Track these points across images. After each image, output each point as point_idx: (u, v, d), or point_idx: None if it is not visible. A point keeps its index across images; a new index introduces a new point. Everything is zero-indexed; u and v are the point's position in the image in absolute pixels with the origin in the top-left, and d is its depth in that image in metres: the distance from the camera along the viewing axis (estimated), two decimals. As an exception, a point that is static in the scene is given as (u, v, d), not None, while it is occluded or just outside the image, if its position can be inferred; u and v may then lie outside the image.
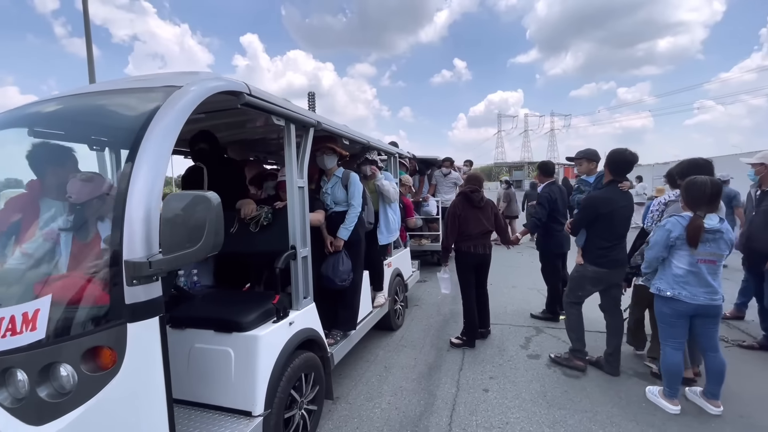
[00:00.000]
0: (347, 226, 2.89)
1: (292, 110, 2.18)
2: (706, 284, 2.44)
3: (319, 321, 2.53)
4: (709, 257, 2.43)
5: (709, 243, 2.40)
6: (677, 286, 2.50)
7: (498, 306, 4.87)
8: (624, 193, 3.10)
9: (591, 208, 3.07)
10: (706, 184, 2.40)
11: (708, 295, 2.44)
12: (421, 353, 3.59)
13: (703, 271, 2.43)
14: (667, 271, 2.56)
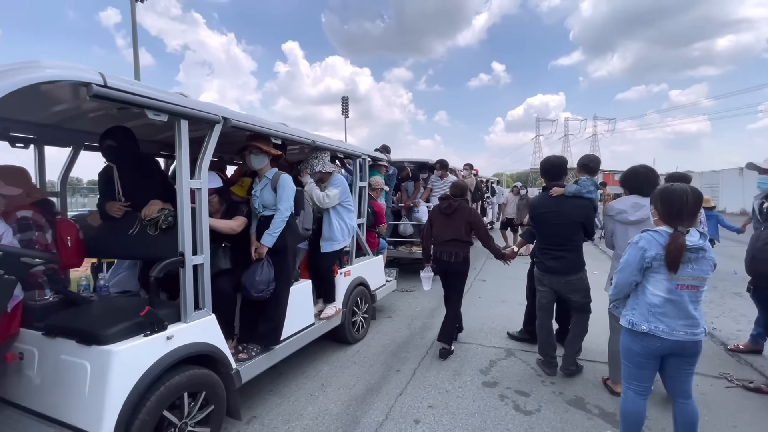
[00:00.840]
0: (271, 232, 2.67)
1: (178, 104, 1.99)
2: (686, 315, 1.94)
3: (221, 334, 2.32)
4: (691, 282, 1.93)
5: (691, 264, 1.92)
6: (653, 318, 1.99)
7: (476, 322, 4.48)
8: (553, 199, 3.06)
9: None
10: (686, 193, 1.94)
11: (688, 329, 1.95)
12: (367, 372, 3.31)
13: (684, 299, 1.94)
14: (641, 300, 2.05)
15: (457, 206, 3.66)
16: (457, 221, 3.63)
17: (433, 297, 5.51)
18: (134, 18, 21.02)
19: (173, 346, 2.02)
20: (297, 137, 2.97)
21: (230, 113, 2.34)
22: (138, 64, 20.54)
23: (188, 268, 2.11)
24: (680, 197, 1.94)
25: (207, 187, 2.21)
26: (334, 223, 3.47)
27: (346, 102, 42.01)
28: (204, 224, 2.21)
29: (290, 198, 2.75)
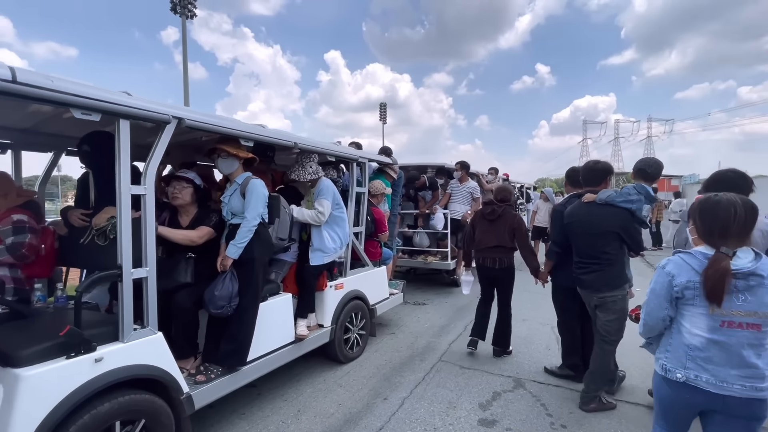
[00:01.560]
0: (236, 243, 2.44)
1: (114, 102, 1.81)
2: (742, 363, 1.46)
3: (169, 355, 2.11)
4: (746, 318, 1.45)
5: (743, 294, 1.45)
6: (693, 364, 1.54)
7: (487, 344, 4.01)
8: (584, 205, 2.78)
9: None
10: (735, 204, 1.49)
11: (747, 381, 1.45)
12: (351, 398, 2.98)
13: (736, 341, 1.47)
14: (676, 340, 1.60)
15: (501, 212, 3.55)
16: (500, 227, 3.54)
17: (444, 313, 5.09)
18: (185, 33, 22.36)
19: (103, 370, 1.82)
20: (271, 139, 2.73)
21: (185, 112, 2.14)
22: (187, 76, 21.89)
23: (126, 282, 1.91)
24: (726, 210, 1.50)
25: (153, 194, 2.01)
26: (324, 234, 3.20)
27: (384, 108, 42.16)
28: (149, 235, 2.01)
29: (259, 205, 2.51)
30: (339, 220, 3.29)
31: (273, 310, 2.84)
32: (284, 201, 2.90)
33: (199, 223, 2.53)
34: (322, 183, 3.22)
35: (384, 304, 4.22)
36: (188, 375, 2.42)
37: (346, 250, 3.61)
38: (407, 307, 5.38)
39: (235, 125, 2.46)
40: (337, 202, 3.28)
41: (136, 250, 1.97)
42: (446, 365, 3.54)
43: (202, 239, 2.47)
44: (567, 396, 2.97)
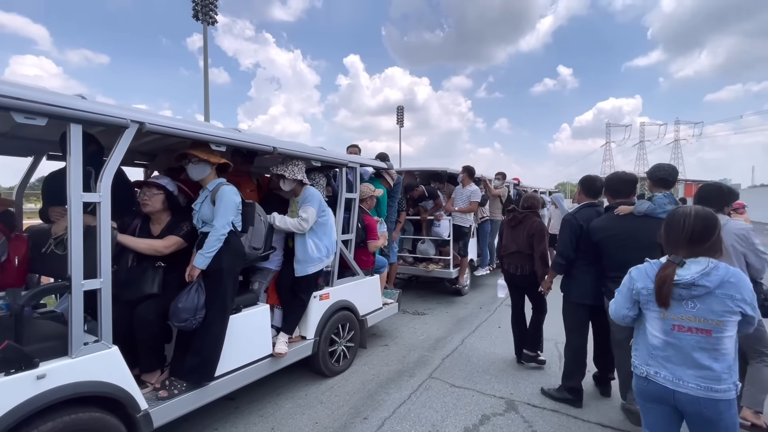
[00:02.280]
0: (204, 252, 2.33)
1: (62, 106, 1.73)
2: (694, 365, 1.55)
3: (125, 370, 2.01)
4: (695, 324, 1.55)
5: (693, 302, 1.56)
6: (654, 362, 1.66)
7: (483, 360, 3.80)
8: (621, 218, 2.68)
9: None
10: (687, 216, 1.61)
11: (703, 382, 1.53)
12: (330, 416, 2.83)
13: (686, 344, 1.57)
14: (642, 340, 1.74)
15: (522, 218, 3.58)
16: (520, 233, 3.54)
17: (443, 324, 4.88)
18: (205, 38, 22.87)
19: (46, 387, 1.73)
20: (246, 143, 2.61)
21: (145, 116, 2.05)
22: (207, 81, 22.38)
23: (76, 294, 1.82)
24: (678, 222, 1.63)
25: (108, 201, 1.92)
26: (308, 244, 3.07)
27: (401, 112, 42.10)
28: (104, 244, 1.92)
29: (229, 212, 2.39)
30: (324, 227, 3.15)
31: (248, 322, 2.72)
32: (260, 208, 2.78)
33: (169, 232, 2.44)
34: (307, 190, 3.10)
35: (376, 315, 4.05)
36: (153, 389, 2.33)
37: (333, 258, 3.47)
38: (405, 316, 5.20)
39: (204, 129, 2.36)
40: (323, 210, 3.15)
41: (90, 260, 1.88)
42: (436, 383, 3.34)
43: (168, 249, 2.38)
44: (563, 424, 2.73)
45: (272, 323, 3.07)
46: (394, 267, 5.70)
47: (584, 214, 2.94)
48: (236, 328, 2.59)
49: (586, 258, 2.88)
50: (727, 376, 1.53)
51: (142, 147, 3.15)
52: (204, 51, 24.06)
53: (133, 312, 2.28)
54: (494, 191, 6.84)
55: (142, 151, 3.38)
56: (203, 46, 23.82)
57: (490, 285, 7.12)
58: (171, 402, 2.22)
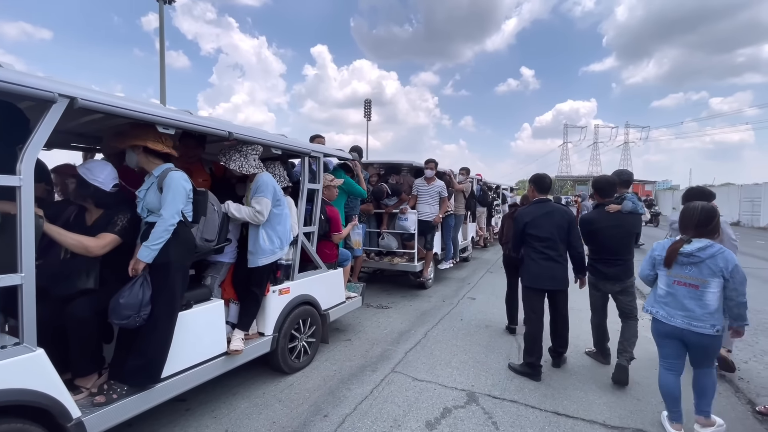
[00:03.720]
0: (150, 244, 2.13)
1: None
2: (682, 307, 2.40)
3: (53, 375, 1.80)
4: (688, 281, 2.39)
5: (688, 266, 2.38)
6: (657, 305, 2.54)
7: (445, 353, 3.81)
8: (610, 214, 3.39)
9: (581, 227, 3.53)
10: (695, 209, 2.41)
11: (686, 319, 2.38)
12: (288, 415, 2.72)
13: (680, 293, 2.41)
14: (653, 292, 2.61)
15: None
16: None
17: (407, 318, 4.87)
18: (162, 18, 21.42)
19: (-46, 398, 1.50)
20: (198, 126, 2.41)
21: (78, 91, 1.82)
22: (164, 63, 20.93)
23: (-10, 291, 1.59)
24: (689, 213, 2.43)
25: (31, 186, 1.69)
26: (260, 234, 2.89)
27: (369, 105, 41.76)
28: (26, 234, 1.68)
29: (178, 202, 2.20)
30: (278, 217, 2.98)
31: (200, 318, 2.54)
32: (213, 197, 2.58)
33: (102, 229, 2.19)
34: (260, 179, 2.90)
35: (339, 309, 3.96)
36: (89, 395, 2.12)
37: (294, 251, 3.33)
38: (369, 310, 5.14)
39: (150, 109, 2.14)
40: (277, 199, 2.99)
41: (8, 252, 1.65)
42: (398, 377, 3.31)
43: (103, 249, 2.12)
44: (522, 414, 2.78)
45: (228, 319, 2.91)
46: (359, 260, 5.62)
47: (529, 208, 3.53)
48: (187, 325, 2.41)
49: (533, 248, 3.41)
50: (706, 318, 2.30)
51: (83, 128, 2.84)
52: (160, 32, 22.42)
53: (64, 309, 2.04)
54: (458, 186, 6.91)
55: (86, 134, 3.05)
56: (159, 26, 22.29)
57: (453, 278, 7.22)
58: (110, 408, 2.03)
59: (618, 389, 3.15)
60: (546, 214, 3.38)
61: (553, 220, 3.36)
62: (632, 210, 3.35)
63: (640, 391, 3.14)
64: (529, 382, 3.24)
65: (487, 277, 7.48)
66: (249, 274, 2.92)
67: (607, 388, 3.17)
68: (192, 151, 2.90)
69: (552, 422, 2.68)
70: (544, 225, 3.35)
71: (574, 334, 3.93)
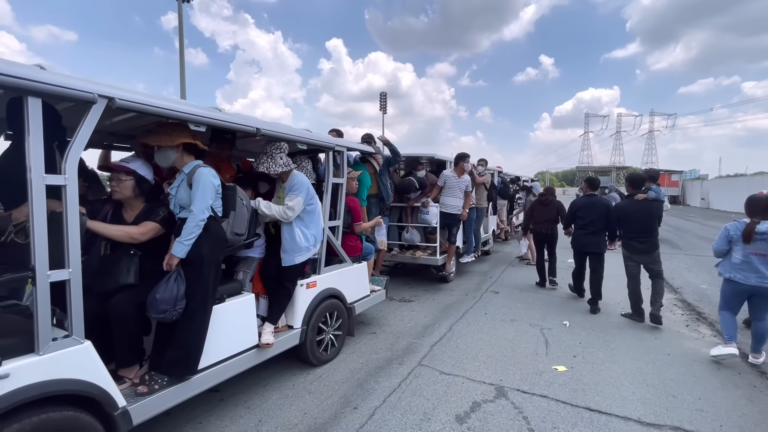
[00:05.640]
0: (182, 240, 2.18)
1: (20, 76, 1.53)
2: (756, 271, 3.25)
3: (99, 366, 1.87)
4: (759, 251, 3.24)
5: (761, 242, 3.22)
6: (733, 271, 3.39)
7: (471, 347, 3.80)
8: (639, 202, 4.46)
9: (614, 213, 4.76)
10: (761, 199, 3.30)
11: (759, 279, 3.25)
12: (319, 407, 2.76)
13: (753, 261, 3.26)
14: (728, 260, 3.45)
15: (550, 200, 6.10)
16: (551, 208, 6.03)
17: (430, 312, 4.86)
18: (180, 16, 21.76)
19: (9, 388, 1.58)
20: (227, 123, 2.44)
21: (116, 91, 1.86)
22: (183, 61, 21.33)
23: (41, 285, 1.66)
24: (757, 201, 3.32)
25: (75, 184, 1.75)
26: (295, 233, 2.94)
27: (385, 98, 41.56)
28: (72, 231, 1.75)
29: (207, 197, 2.24)
30: (312, 215, 3.03)
31: (232, 312, 2.60)
32: (242, 192, 2.62)
33: (145, 218, 2.27)
34: (295, 177, 2.95)
35: (364, 302, 3.99)
36: (131, 385, 2.20)
37: (321, 246, 3.36)
38: (392, 304, 5.16)
39: (181, 107, 2.18)
40: (310, 197, 3.02)
41: (57, 249, 1.72)
42: (425, 370, 3.31)
43: (145, 236, 2.22)
44: (552, 409, 2.75)
45: (258, 313, 2.96)
46: (382, 254, 5.62)
47: (581, 200, 5.20)
48: (220, 318, 2.47)
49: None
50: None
51: (115, 128, 2.92)
52: (179, 30, 22.83)
53: (107, 304, 2.12)
54: (479, 179, 6.81)
55: (118, 133, 3.14)
56: (178, 25, 22.70)
57: (475, 272, 7.16)
58: (151, 398, 2.10)
59: (652, 384, 3.07)
60: (592, 203, 5.05)
61: (595, 208, 4.99)
62: (655, 198, 4.43)
63: (675, 387, 3.06)
64: (558, 377, 3.19)
65: (509, 270, 7.39)
66: (280, 269, 2.96)
67: (640, 383, 3.10)
68: (224, 149, 2.95)
69: (585, 418, 2.64)
70: (590, 211, 4.99)
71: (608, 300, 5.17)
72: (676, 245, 10.67)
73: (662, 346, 3.85)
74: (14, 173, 2.02)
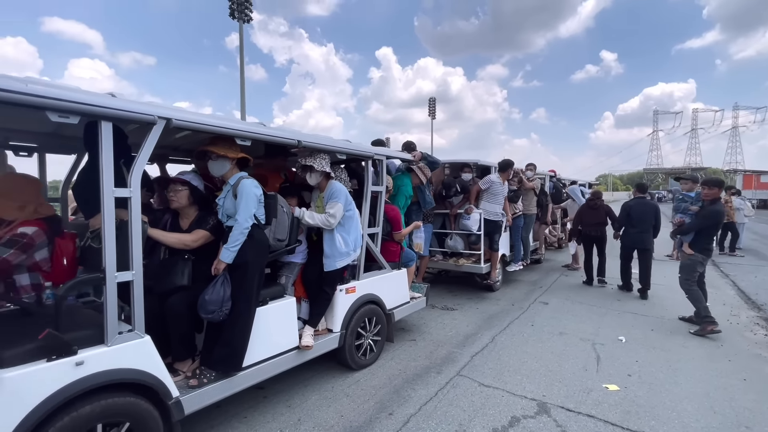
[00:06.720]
0: (229, 246, 2.37)
1: (93, 104, 1.78)
2: None
3: (157, 358, 2.09)
4: None
5: None
6: None
7: (513, 359, 3.66)
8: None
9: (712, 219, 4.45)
10: None
11: None
12: (355, 410, 2.83)
13: None
14: None
15: (599, 204, 6.46)
16: (600, 212, 6.43)
17: (473, 321, 4.76)
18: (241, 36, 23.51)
19: (84, 373, 1.82)
20: (270, 137, 2.62)
21: (172, 112, 2.09)
22: (243, 77, 23.06)
23: (110, 285, 1.90)
24: None
25: (138, 196, 1.99)
26: (336, 238, 3.07)
27: (433, 103, 41.53)
28: (135, 237, 1.98)
29: (250, 206, 2.41)
30: (351, 221, 3.14)
31: (274, 314, 2.75)
32: (282, 200, 2.79)
33: (196, 226, 2.50)
34: (333, 185, 3.09)
35: (403, 309, 4.01)
36: (184, 378, 2.41)
37: (360, 252, 3.45)
38: (434, 311, 5.12)
39: (229, 124, 2.38)
40: (349, 204, 3.14)
41: (122, 253, 1.96)
42: (464, 380, 3.25)
43: (196, 243, 2.44)
44: (599, 430, 2.58)
45: (299, 315, 3.11)
46: (424, 261, 5.62)
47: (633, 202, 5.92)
48: (263, 319, 2.63)
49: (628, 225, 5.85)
50: None
51: (178, 143, 3.25)
52: (240, 49, 24.75)
53: (165, 303, 2.36)
54: (528, 184, 6.56)
55: (180, 148, 3.49)
56: (239, 44, 24.57)
57: (524, 281, 6.88)
58: (201, 390, 2.29)
59: (721, 412, 2.76)
60: (642, 205, 5.75)
61: (646, 209, 5.68)
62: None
63: (750, 417, 2.73)
64: (609, 396, 2.98)
65: (561, 280, 7.00)
66: (321, 274, 3.10)
67: (707, 410, 2.80)
68: (277, 162, 3.18)
69: None
70: (641, 212, 5.67)
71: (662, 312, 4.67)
72: (764, 256, 9.44)
73: (737, 369, 3.44)
74: (91, 186, 2.34)
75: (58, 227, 2.46)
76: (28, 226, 2.23)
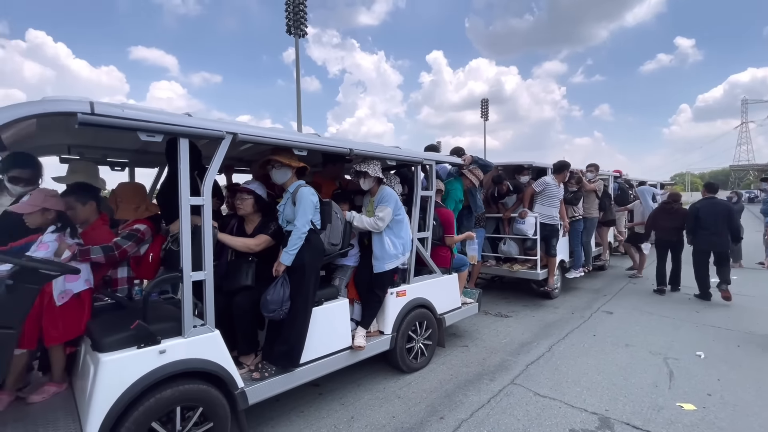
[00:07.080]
0: (288, 250, 2.54)
1: (174, 123, 2.04)
2: None
3: (225, 351, 2.30)
4: None
5: None
6: None
7: (573, 370, 3.48)
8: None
9: None
10: None
11: None
12: (407, 412, 2.87)
13: None
14: None
15: (677, 208, 6.05)
16: (676, 216, 5.98)
17: (528, 328, 4.59)
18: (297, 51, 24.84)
19: (166, 360, 2.06)
20: (324, 147, 2.77)
21: (237, 128, 2.31)
22: (299, 89, 24.31)
23: (186, 284, 2.13)
24: None
25: (210, 204, 2.21)
26: (385, 241, 3.16)
27: (486, 104, 40.62)
28: (207, 241, 2.21)
29: (308, 212, 2.57)
30: (400, 225, 3.21)
31: (329, 314, 2.89)
32: (336, 206, 2.93)
33: (259, 231, 2.72)
34: (384, 190, 3.19)
35: (455, 314, 3.98)
36: (248, 371, 2.62)
37: (410, 255, 3.50)
38: (487, 318, 5.01)
39: (286, 136, 2.57)
40: (398, 209, 3.21)
41: (196, 255, 2.19)
42: (518, 389, 3.16)
43: (259, 247, 2.64)
44: (670, 450, 2.37)
45: (352, 317, 3.23)
46: (477, 266, 5.52)
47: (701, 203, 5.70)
48: (319, 319, 2.78)
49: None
50: None
51: (241, 154, 3.56)
52: (296, 63, 26.16)
53: (231, 301, 2.59)
54: (589, 186, 6.19)
55: (243, 159, 3.81)
56: (296, 57, 26.00)
57: (585, 288, 6.48)
58: (263, 383, 2.48)
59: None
60: (712, 205, 5.50)
61: (717, 210, 5.41)
62: None
63: None
64: (683, 416, 2.73)
65: (628, 288, 6.49)
66: (372, 276, 3.20)
67: (805, 438, 2.46)
68: (332, 170, 3.37)
69: None
70: (712, 213, 5.42)
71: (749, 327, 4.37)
72: None
73: None
74: (170, 195, 2.65)
75: (159, 226, 2.82)
76: (140, 224, 2.60)
